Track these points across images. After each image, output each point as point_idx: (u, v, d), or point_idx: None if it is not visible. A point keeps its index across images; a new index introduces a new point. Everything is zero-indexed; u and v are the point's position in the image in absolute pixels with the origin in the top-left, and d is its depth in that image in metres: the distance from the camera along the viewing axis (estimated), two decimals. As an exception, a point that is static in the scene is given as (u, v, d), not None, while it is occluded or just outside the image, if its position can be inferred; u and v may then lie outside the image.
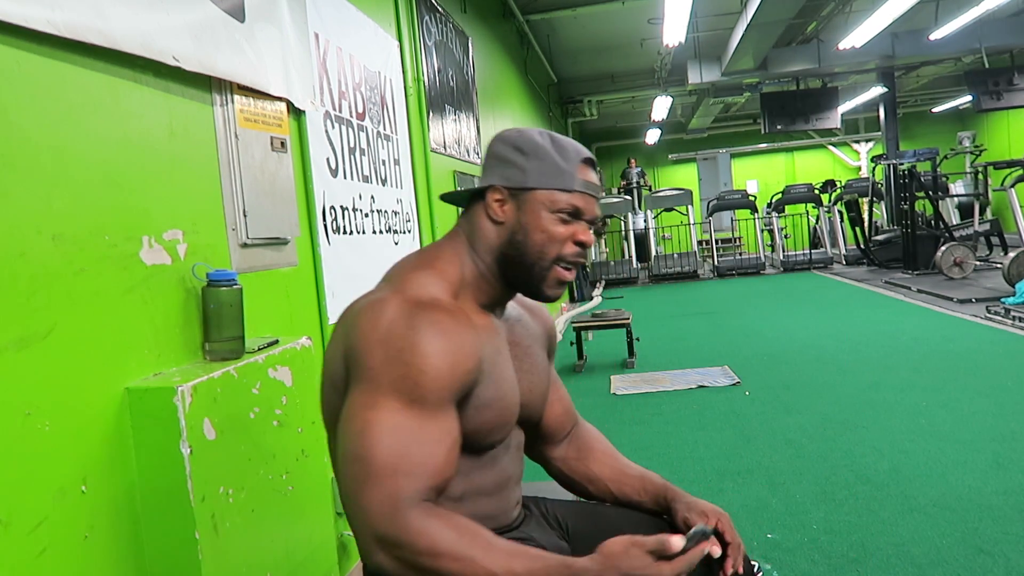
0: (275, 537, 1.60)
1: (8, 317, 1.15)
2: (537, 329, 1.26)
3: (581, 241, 1.12)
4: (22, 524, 1.13)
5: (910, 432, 3.34)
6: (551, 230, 1.10)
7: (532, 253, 1.10)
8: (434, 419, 0.98)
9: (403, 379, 0.96)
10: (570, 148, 1.12)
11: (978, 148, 13.72)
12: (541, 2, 7.70)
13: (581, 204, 1.11)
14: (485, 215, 1.13)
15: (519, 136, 1.13)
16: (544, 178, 1.10)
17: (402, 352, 0.97)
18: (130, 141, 1.47)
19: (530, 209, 1.10)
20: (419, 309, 1.01)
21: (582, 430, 1.35)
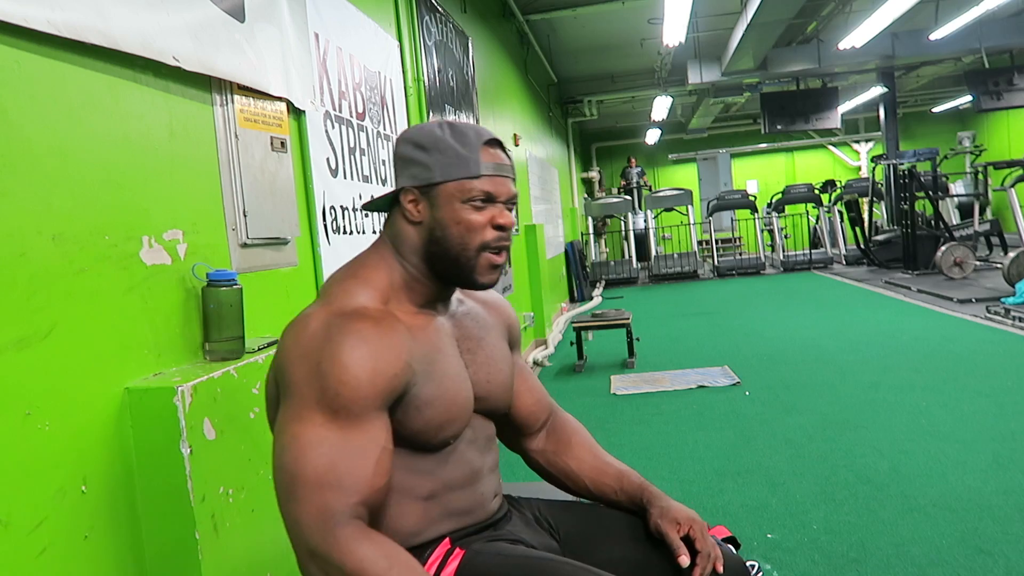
0: (275, 537, 1.60)
1: (8, 317, 1.15)
2: (492, 320, 1.26)
3: (500, 224, 1.11)
4: (22, 524, 1.13)
5: (910, 432, 3.34)
6: (467, 219, 1.10)
7: (454, 246, 1.10)
8: (359, 429, 0.99)
9: (324, 392, 0.98)
10: (470, 133, 1.12)
11: (978, 148, 13.73)
12: (541, 2, 7.70)
13: (491, 188, 1.10)
14: (403, 218, 1.13)
15: (418, 132, 1.13)
16: (449, 170, 1.09)
17: (320, 364, 0.98)
18: (130, 141, 1.47)
19: (442, 203, 1.10)
20: (340, 320, 1.02)
21: (560, 421, 1.34)
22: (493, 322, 1.27)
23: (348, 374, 0.98)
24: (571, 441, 1.31)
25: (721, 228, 14.32)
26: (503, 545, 1.14)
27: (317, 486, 0.95)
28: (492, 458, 1.23)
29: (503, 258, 1.14)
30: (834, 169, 17.00)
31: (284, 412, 1.00)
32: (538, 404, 1.32)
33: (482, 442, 1.20)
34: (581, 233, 12.91)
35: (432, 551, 1.11)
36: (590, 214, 13.17)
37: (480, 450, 1.19)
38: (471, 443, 1.17)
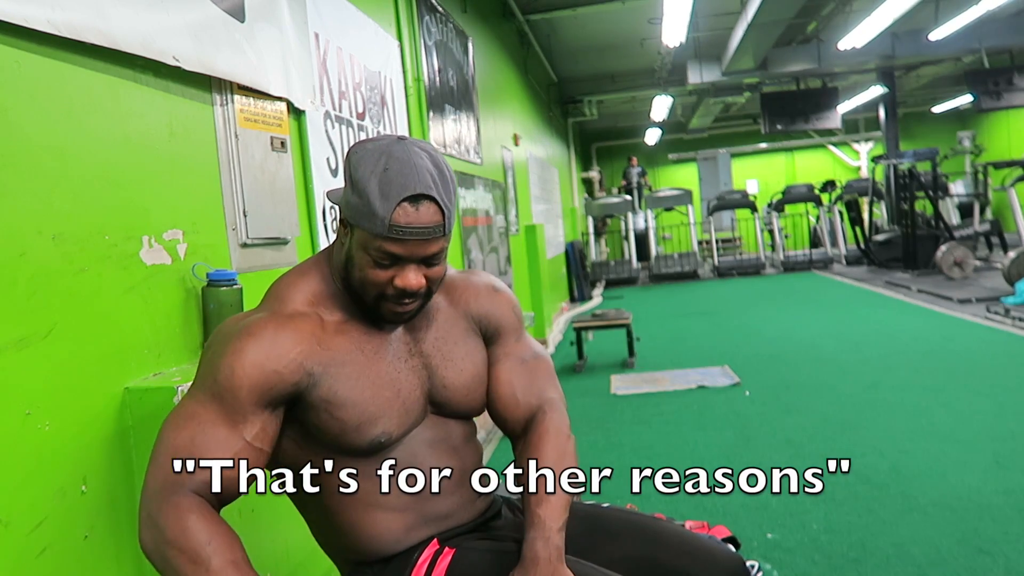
0: (275, 537, 1.60)
1: (8, 317, 1.15)
2: (455, 316, 1.20)
3: (402, 288, 1.05)
4: (22, 524, 1.13)
5: (910, 432, 3.34)
6: (367, 272, 1.05)
7: (357, 286, 1.08)
8: (229, 420, 1.02)
9: (206, 378, 1.04)
10: (394, 183, 1.00)
11: (978, 148, 13.74)
12: (541, 2, 7.70)
13: (396, 250, 1.02)
14: (338, 235, 1.12)
15: (357, 162, 1.05)
16: (360, 218, 1.03)
17: (214, 356, 1.05)
18: (130, 141, 1.47)
19: (355, 242, 1.06)
20: (249, 320, 1.07)
21: (538, 425, 1.19)
22: (457, 317, 1.20)
23: (228, 363, 1.02)
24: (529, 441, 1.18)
25: (721, 228, 14.33)
26: (494, 543, 1.13)
27: (172, 454, 0.99)
28: (471, 459, 1.19)
29: (407, 307, 1.08)
30: (834, 169, 17.00)
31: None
32: (513, 397, 1.21)
33: (452, 443, 1.17)
34: (581, 233, 12.91)
35: (420, 553, 1.11)
36: (590, 214, 13.17)
37: (449, 452, 1.15)
38: (435, 444, 1.14)
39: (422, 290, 1.07)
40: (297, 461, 1.11)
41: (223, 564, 0.95)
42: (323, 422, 1.07)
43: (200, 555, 0.94)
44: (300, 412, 1.07)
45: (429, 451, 1.14)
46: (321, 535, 1.20)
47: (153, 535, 0.97)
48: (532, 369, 1.24)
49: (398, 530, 1.11)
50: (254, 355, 1.02)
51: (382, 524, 1.10)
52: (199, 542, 0.95)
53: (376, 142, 1.06)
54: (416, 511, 1.11)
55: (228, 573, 0.95)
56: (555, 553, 1.05)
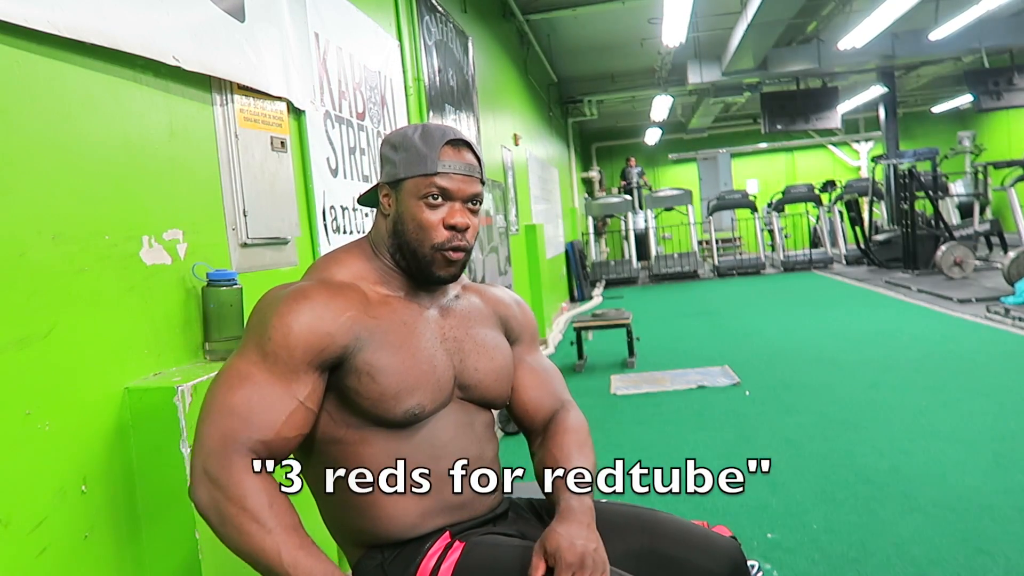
0: (275, 537, 1.60)
1: (8, 317, 1.15)
2: (486, 310, 1.29)
3: (452, 224, 1.15)
4: (22, 524, 1.13)
5: (910, 432, 3.34)
6: (419, 217, 1.14)
7: (410, 240, 1.15)
8: (283, 379, 1.05)
9: (261, 336, 1.06)
10: (435, 133, 1.16)
11: (978, 148, 13.73)
12: (541, 2, 7.70)
13: (446, 184, 1.14)
14: (380, 212, 1.21)
15: (395, 134, 1.20)
16: (410, 166, 1.15)
17: (264, 315, 1.08)
18: (130, 141, 1.47)
19: (404, 198, 1.16)
20: (300, 290, 1.11)
21: (558, 424, 1.27)
22: (488, 313, 1.29)
23: (283, 323, 1.06)
24: (552, 438, 1.25)
25: (721, 228, 14.33)
26: (501, 537, 1.15)
27: (228, 413, 1.02)
28: (490, 450, 1.23)
29: (459, 256, 1.17)
30: (834, 169, 16.99)
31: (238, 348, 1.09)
32: (533, 401, 1.30)
33: (475, 430, 1.20)
34: (581, 233, 12.91)
35: (432, 543, 1.12)
36: (590, 214, 13.18)
37: (472, 439, 1.19)
38: (459, 428, 1.18)
39: (468, 230, 1.16)
40: (327, 433, 1.13)
41: (284, 528, 0.98)
42: (364, 386, 1.09)
43: (261, 516, 0.98)
44: (341, 377, 1.10)
45: (453, 434, 1.17)
46: (334, 517, 1.19)
47: (210, 491, 0.99)
48: (549, 374, 1.36)
49: (414, 514, 1.12)
50: (309, 316, 1.07)
51: (400, 507, 1.12)
52: (261, 503, 0.98)
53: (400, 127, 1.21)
54: (434, 497, 1.12)
55: (289, 537, 0.98)
56: (589, 512, 1.12)
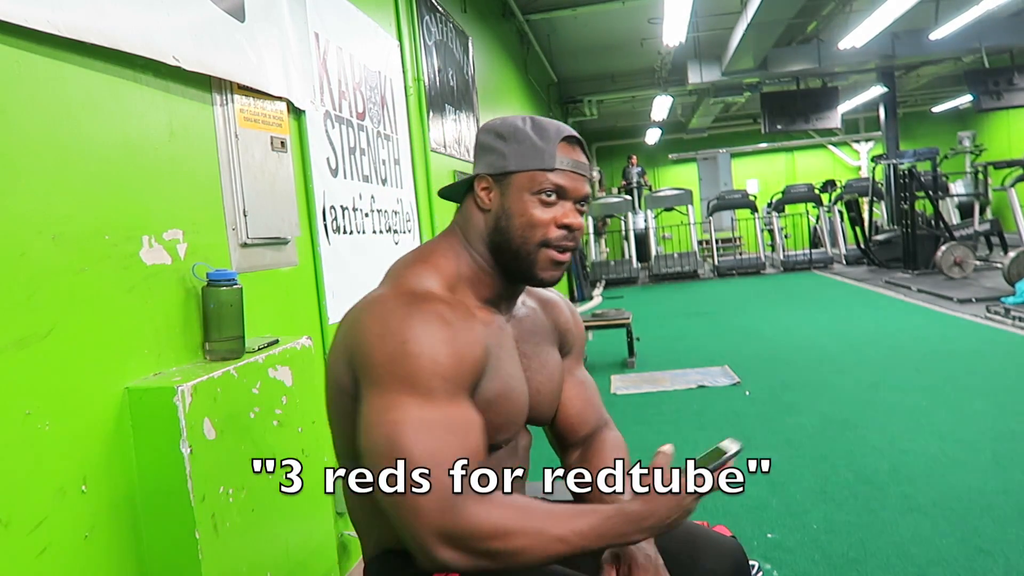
0: (275, 537, 1.60)
1: (8, 317, 1.15)
2: (547, 324, 1.23)
3: (566, 224, 1.08)
4: (22, 524, 1.13)
5: (910, 432, 3.34)
6: (531, 213, 1.07)
7: (516, 237, 1.08)
8: (454, 407, 0.96)
9: (410, 375, 0.94)
10: (550, 127, 1.11)
11: (978, 148, 13.73)
12: (541, 2, 7.70)
13: (563, 183, 1.08)
14: (475, 205, 1.12)
15: (501, 123, 1.13)
16: (523, 160, 1.08)
17: (404, 345, 0.95)
18: (130, 141, 1.47)
19: (512, 193, 1.09)
20: (415, 300, 1.01)
21: (600, 441, 1.26)
22: (548, 325, 1.23)
23: (431, 354, 0.95)
24: (597, 455, 1.23)
25: (721, 228, 14.32)
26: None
27: (432, 468, 0.91)
28: (526, 470, 1.20)
29: (567, 257, 1.11)
30: (834, 169, 16.99)
31: (372, 402, 0.95)
32: (579, 416, 1.27)
33: (522, 452, 1.18)
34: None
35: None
36: (590, 214, 13.18)
37: (518, 460, 1.16)
38: (514, 452, 1.15)
39: (580, 231, 1.11)
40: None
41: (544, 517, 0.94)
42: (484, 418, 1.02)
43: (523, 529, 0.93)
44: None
45: (508, 456, 1.13)
46: (362, 516, 1.15)
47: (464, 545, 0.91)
48: (591, 390, 1.32)
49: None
50: (450, 342, 0.97)
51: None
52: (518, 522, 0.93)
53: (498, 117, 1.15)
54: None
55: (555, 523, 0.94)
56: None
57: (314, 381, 1.80)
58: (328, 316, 2.29)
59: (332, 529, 1.92)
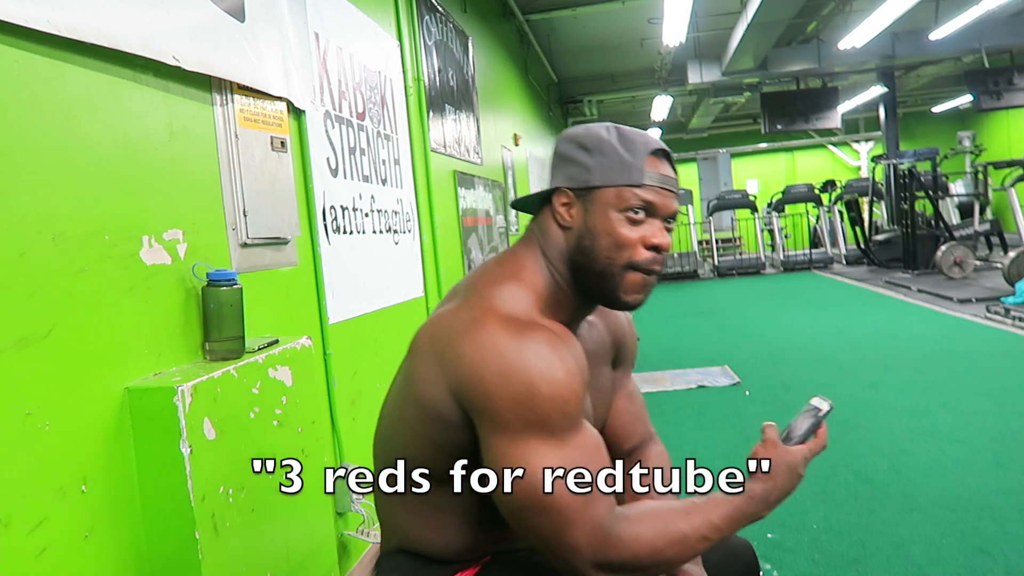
0: (275, 537, 1.60)
1: (8, 317, 1.15)
2: (605, 340, 1.20)
3: (655, 244, 1.02)
4: (22, 524, 1.13)
5: (910, 432, 3.34)
6: (618, 232, 1.01)
7: (600, 259, 1.02)
8: (583, 435, 0.94)
9: (541, 419, 0.91)
10: (638, 139, 1.03)
11: (978, 148, 13.73)
12: (541, 2, 7.70)
13: (652, 199, 1.01)
14: (554, 220, 1.06)
15: (584, 132, 1.06)
16: (609, 174, 1.01)
17: (531, 387, 0.91)
18: (130, 141, 1.47)
19: (596, 210, 1.02)
20: (524, 330, 0.95)
21: (647, 450, 1.25)
22: (607, 341, 1.20)
23: (561, 390, 0.92)
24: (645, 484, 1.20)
25: (721, 228, 14.33)
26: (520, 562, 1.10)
27: (582, 507, 0.90)
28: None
29: (654, 280, 1.05)
30: (834, 169, 17.00)
31: (505, 447, 0.92)
32: (625, 429, 1.25)
33: None
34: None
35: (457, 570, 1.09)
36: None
37: None
38: None
39: (667, 252, 1.05)
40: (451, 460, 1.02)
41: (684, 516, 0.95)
42: None
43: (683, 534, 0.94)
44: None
45: None
46: (390, 515, 1.14)
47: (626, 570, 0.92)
48: (639, 403, 1.30)
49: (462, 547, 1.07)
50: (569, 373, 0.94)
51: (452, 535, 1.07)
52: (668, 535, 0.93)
53: (580, 125, 1.09)
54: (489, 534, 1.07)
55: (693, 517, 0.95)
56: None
57: (314, 381, 1.80)
58: (328, 316, 2.29)
59: (332, 529, 1.92)
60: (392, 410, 1.09)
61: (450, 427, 0.98)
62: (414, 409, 1.02)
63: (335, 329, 2.32)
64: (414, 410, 1.02)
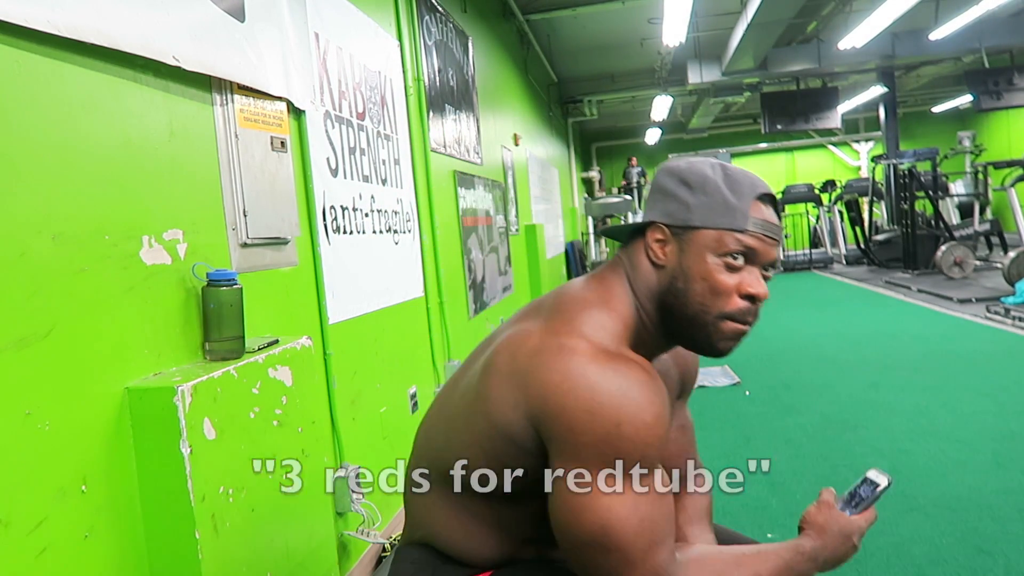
0: (275, 537, 1.60)
1: (8, 317, 1.15)
2: (674, 377, 1.18)
3: (752, 294, 0.98)
4: (22, 524, 1.13)
5: (910, 432, 3.34)
6: (715, 278, 0.98)
7: (693, 304, 0.99)
8: (655, 478, 0.93)
9: (628, 456, 0.89)
10: (744, 181, 1.00)
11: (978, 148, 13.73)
12: (541, 2, 7.70)
13: (754, 245, 0.98)
14: (645, 255, 1.02)
15: (687, 168, 1.02)
16: (711, 216, 0.98)
17: (618, 428, 0.88)
18: (130, 141, 1.47)
19: (693, 251, 0.98)
20: (615, 364, 0.92)
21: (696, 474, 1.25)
22: (675, 377, 1.19)
23: (648, 434, 0.89)
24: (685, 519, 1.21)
25: (721, 228, 14.30)
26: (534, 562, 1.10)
27: (646, 549, 0.89)
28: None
29: (748, 329, 1.02)
30: (834, 169, 17.00)
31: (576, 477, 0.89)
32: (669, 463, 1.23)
33: None
34: (581, 233, 12.91)
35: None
36: (590, 214, 13.17)
37: None
38: None
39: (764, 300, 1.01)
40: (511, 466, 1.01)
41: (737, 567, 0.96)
42: None
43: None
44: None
45: None
46: (418, 511, 1.13)
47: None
48: (689, 434, 1.32)
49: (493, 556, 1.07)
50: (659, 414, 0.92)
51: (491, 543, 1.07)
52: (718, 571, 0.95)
53: (684, 159, 1.05)
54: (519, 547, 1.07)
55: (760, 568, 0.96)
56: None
57: (314, 381, 1.80)
58: (328, 316, 2.29)
59: (332, 529, 1.92)
60: (456, 414, 1.05)
61: (521, 451, 0.96)
62: (483, 424, 0.99)
63: (335, 329, 2.32)
64: (483, 425, 0.99)
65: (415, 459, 1.14)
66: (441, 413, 1.11)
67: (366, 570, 2.39)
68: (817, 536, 1.01)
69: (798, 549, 0.99)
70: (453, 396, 1.09)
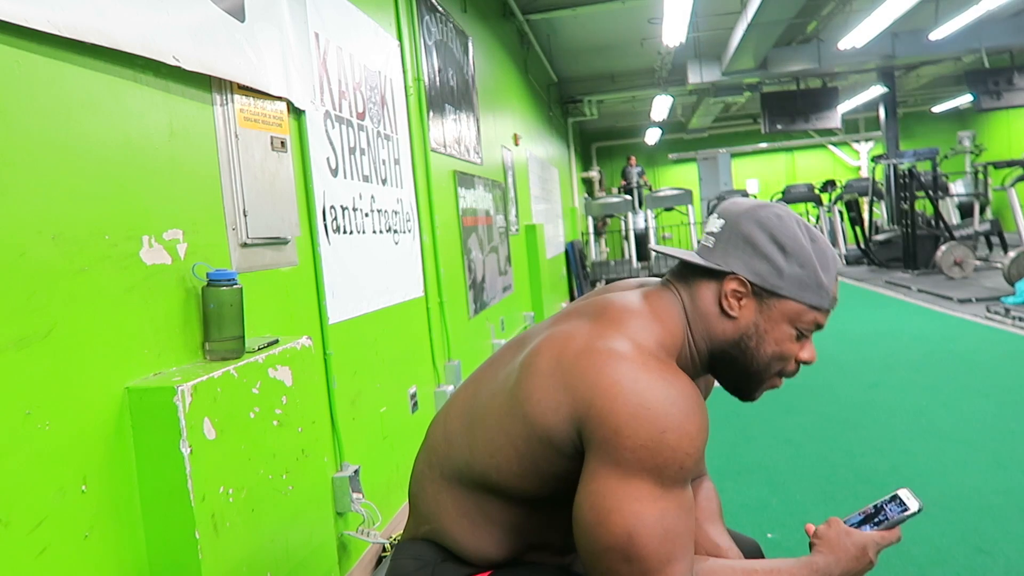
0: (275, 537, 1.60)
1: (8, 317, 1.15)
2: (701, 387, 1.20)
3: (806, 361, 1.04)
4: (22, 524, 1.13)
5: (910, 432, 3.34)
6: (787, 347, 1.01)
7: (759, 363, 1.02)
8: (687, 492, 0.92)
9: (661, 467, 0.88)
10: (829, 253, 1.02)
11: (978, 148, 13.73)
12: (541, 2, 7.70)
13: (824, 322, 1.02)
14: (716, 301, 1.02)
15: (779, 226, 1.01)
16: (801, 290, 0.99)
17: (663, 435, 0.88)
18: (130, 141, 1.47)
19: (773, 317, 1.00)
20: (667, 375, 0.92)
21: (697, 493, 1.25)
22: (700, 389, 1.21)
23: (689, 447, 0.90)
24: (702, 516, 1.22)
25: (721, 228, 14.29)
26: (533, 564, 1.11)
27: (667, 561, 0.89)
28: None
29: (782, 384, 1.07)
30: (834, 169, 17.00)
31: (613, 482, 0.89)
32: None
33: None
34: (581, 233, 12.91)
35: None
36: (590, 214, 13.18)
37: None
38: None
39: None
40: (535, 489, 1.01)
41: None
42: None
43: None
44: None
45: None
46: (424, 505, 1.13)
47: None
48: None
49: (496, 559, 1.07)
50: (703, 426, 0.93)
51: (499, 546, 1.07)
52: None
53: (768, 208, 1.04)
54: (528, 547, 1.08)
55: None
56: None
57: (314, 381, 1.80)
58: (328, 316, 2.29)
59: (332, 529, 1.92)
60: (485, 415, 1.04)
61: (558, 454, 0.95)
62: (520, 426, 0.97)
63: (335, 329, 2.32)
64: (519, 427, 0.98)
65: (427, 454, 1.14)
66: (465, 412, 1.09)
67: (366, 570, 2.39)
68: (829, 552, 1.02)
69: (811, 566, 1.00)
70: (480, 396, 1.07)
